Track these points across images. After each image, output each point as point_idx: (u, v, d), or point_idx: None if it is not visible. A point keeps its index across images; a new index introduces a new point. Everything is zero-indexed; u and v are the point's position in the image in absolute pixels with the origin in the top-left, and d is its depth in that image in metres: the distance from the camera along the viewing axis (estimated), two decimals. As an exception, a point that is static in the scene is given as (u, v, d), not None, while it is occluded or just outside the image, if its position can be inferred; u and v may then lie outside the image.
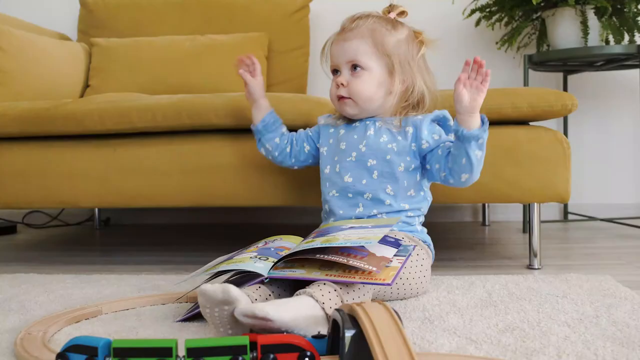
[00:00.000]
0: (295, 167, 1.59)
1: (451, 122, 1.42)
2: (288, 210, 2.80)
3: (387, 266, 1.10)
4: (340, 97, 1.42)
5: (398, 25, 1.43)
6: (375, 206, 1.39)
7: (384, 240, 1.19)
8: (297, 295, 1.05)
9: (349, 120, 1.48)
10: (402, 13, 1.46)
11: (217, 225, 2.74)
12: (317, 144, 1.53)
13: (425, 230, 1.45)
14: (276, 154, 1.56)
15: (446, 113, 1.43)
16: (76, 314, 1.20)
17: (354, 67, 1.40)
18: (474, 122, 1.27)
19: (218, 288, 0.99)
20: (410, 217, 1.41)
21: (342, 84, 1.41)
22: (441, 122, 1.44)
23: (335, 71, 1.44)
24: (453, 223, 2.67)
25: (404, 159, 1.39)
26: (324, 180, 1.49)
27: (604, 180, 2.69)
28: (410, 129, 1.40)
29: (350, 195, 1.41)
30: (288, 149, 1.55)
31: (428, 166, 1.40)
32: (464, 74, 1.26)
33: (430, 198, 1.46)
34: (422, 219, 1.45)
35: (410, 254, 1.18)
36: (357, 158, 1.41)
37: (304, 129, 1.58)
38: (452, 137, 1.38)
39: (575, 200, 2.65)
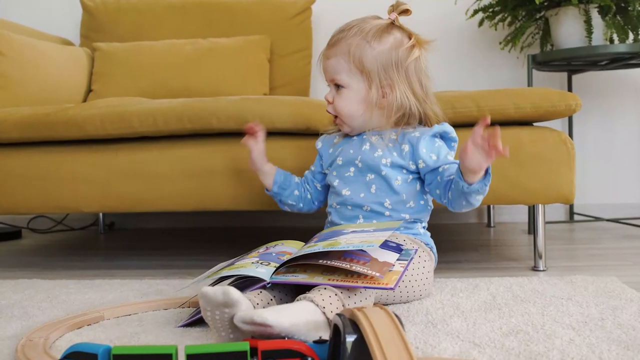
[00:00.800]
0: (323, 206, 1.59)
1: (453, 135, 1.39)
2: (290, 214, 2.79)
3: (389, 270, 1.10)
4: (333, 115, 1.42)
5: (384, 33, 1.37)
6: (374, 218, 1.38)
7: (386, 245, 1.18)
8: (297, 300, 1.04)
9: (347, 135, 1.47)
10: (406, 11, 1.40)
11: (220, 229, 2.74)
12: (325, 171, 1.53)
13: (428, 233, 1.44)
14: (301, 205, 1.58)
15: (446, 127, 1.39)
16: (78, 319, 1.19)
17: (337, 85, 1.39)
18: (477, 177, 1.21)
19: (219, 290, 0.98)
20: (411, 222, 1.40)
21: (328, 101, 1.41)
22: (442, 135, 1.40)
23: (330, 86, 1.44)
24: (458, 224, 2.66)
25: (400, 172, 1.38)
26: (329, 191, 1.49)
27: (609, 180, 2.67)
28: (406, 147, 1.36)
29: (349, 207, 1.41)
30: (309, 196, 1.57)
31: (427, 189, 1.38)
32: (478, 135, 1.16)
33: (431, 206, 1.44)
34: (424, 223, 1.44)
35: (412, 258, 1.17)
36: (356, 173, 1.41)
37: (310, 169, 1.59)
38: (451, 157, 1.36)
39: (580, 200, 2.64)
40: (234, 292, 0.98)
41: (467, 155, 1.17)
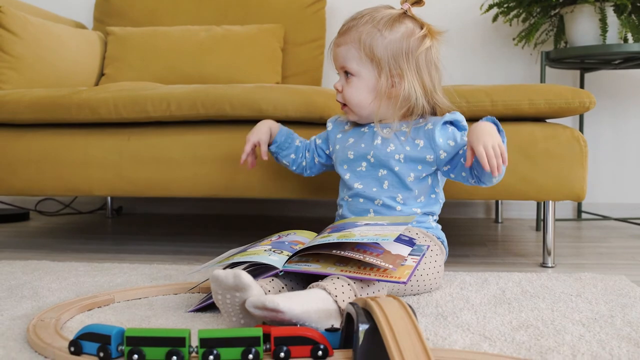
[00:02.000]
0: (313, 176, 1.60)
1: (464, 123, 1.39)
2: (302, 203, 2.79)
3: (402, 264, 1.10)
4: (342, 103, 1.42)
5: (396, 23, 1.35)
6: (386, 212, 1.38)
7: (399, 239, 1.19)
8: (310, 288, 1.04)
9: (358, 124, 1.46)
10: (419, 2, 1.39)
11: (229, 216, 2.74)
12: (327, 151, 1.53)
13: (439, 226, 1.44)
14: (294, 168, 1.57)
15: (457, 116, 1.38)
16: (89, 301, 1.20)
17: (346, 73, 1.39)
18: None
19: (230, 273, 0.99)
20: (423, 215, 1.40)
21: (337, 90, 1.41)
22: (453, 123, 1.39)
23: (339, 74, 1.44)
24: (466, 219, 2.66)
25: (414, 168, 1.37)
26: (340, 183, 1.49)
27: (619, 180, 2.66)
28: (421, 142, 1.36)
29: (361, 200, 1.40)
30: (304, 163, 1.56)
31: (452, 175, 1.37)
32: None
33: (442, 199, 1.45)
34: (436, 216, 1.44)
35: (424, 254, 1.18)
36: (368, 168, 1.40)
37: (317, 136, 1.58)
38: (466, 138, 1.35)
39: (589, 199, 2.63)
40: (245, 276, 0.98)
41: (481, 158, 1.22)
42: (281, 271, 1.12)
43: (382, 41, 1.34)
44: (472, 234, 2.24)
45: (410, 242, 1.20)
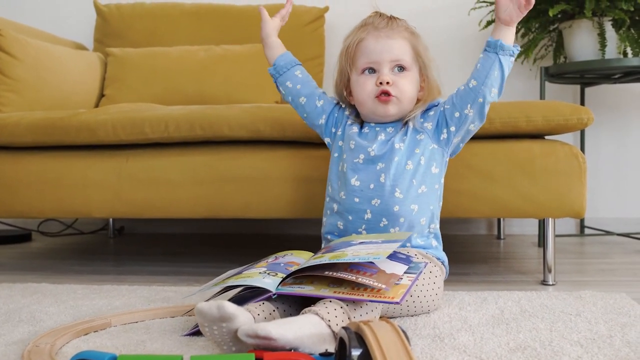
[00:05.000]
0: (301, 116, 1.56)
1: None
2: (302, 221, 2.79)
3: (396, 284, 1.09)
4: (383, 96, 1.38)
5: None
6: (383, 214, 1.36)
7: (395, 257, 1.18)
8: (302, 313, 1.04)
9: (360, 126, 1.46)
10: None
11: (230, 235, 2.74)
12: (334, 128, 1.50)
13: (440, 246, 1.43)
14: (289, 98, 1.54)
15: (436, 100, 1.45)
16: (85, 326, 1.20)
17: (397, 66, 1.39)
18: (509, 37, 1.35)
19: (213, 305, 0.98)
20: (421, 225, 1.39)
21: (387, 82, 1.38)
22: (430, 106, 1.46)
23: (370, 70, 1.41)
24: (467, 236, 2.65)
25: (411, 153, 1.38)
26: (335, 174, 1.46)
27: (621, 194, 2.65)
28: (422, 136, 1.40)
29: (357, 199, 1.38)
30: (302, 101, 1.52)
31: (457, 113, 1.38)
32: None
33: (441, 193, 1.44)
34: (437, 228, 1.43)
35: (421, 272, 1.17)
36: (366, 161, 1.39)
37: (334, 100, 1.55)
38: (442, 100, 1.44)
39: (591, 214, 2.62)
40: (229, 306, 0.98)
41: (500, 6, 1.32)
42: (274, 294, 1.11)
43: (420, 45, 1.43)
44: (473, 251, 2.23)
45: (406, 259, 1.20)
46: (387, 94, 1.37)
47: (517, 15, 1.32)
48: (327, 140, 1.51)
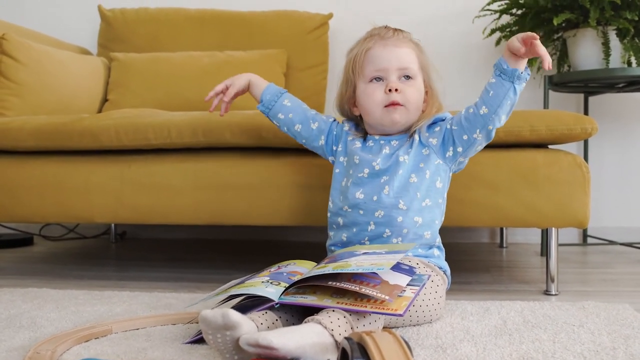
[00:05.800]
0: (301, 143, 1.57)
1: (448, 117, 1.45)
2: (304, 228, 2.78)
3: (399, 295, 1.09)
4: (392, 104, 1.39)
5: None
6: (386, 226, 1.36)
7: (398, 268, 1.17)
8: (305, 322, 1.03)
9: (364, 140, 1.46)
10: None
11: (232, 242, 2.74)
12: (335, 146, 1.51)
13: (442, 255, 1.43)
14: (285, 129, 1.55)
15: (443, 115, 1.45)
16: (85, 333, 1.19)
17: (405, 75, 1.40)
18: (523, 65, 1.32)
19: (218, 313, 0.98)
20: (426, 238, 1.38)
21: (396, 89, 1.38)
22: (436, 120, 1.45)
23: (378, 79, 1.41)
24: (470, 244, 2.64)
25: (416, 166, 1.38)
26: (337, 190, 1.46)
27: (625, 204, 2.65)
28: (427, 150, 1.40)
29: (361, 212, 1.39)
30: (297, 128, 1.53)
31: (465, 136, 1.37)
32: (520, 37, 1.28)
33: (444, 208, 1.44)
34: (438, 239, 1.43)
35: (424, 284, 1.16)
36: (370, 175, 1.40)
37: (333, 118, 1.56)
38: (449, 114, 1.44)
39: (595, 223, 2.61)
40: (234, 314, 0.97)
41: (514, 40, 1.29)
42: (277, 303, 1.11)
43: (424, 56, 1.45)
44: (476, 260, 2.22)
45: (410, 271, 1.19)
46: (395, 104, 1.39)
47: (528, 55, 1.30)
48: (331, 159, 1.53)
